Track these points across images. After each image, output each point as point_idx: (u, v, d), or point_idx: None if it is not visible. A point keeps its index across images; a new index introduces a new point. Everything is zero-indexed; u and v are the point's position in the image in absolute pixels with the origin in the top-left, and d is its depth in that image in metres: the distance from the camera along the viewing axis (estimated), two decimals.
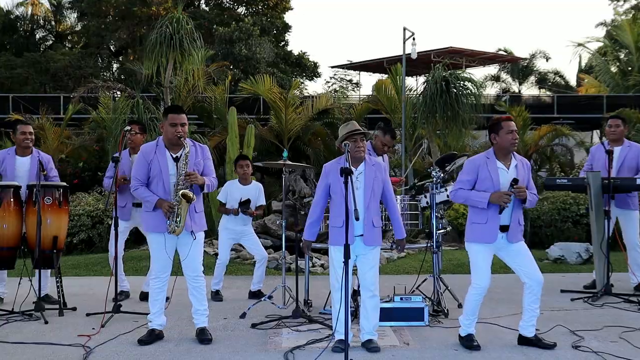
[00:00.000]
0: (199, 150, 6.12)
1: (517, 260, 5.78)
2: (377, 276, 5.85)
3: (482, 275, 5.77)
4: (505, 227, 5.72)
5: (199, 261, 6.15)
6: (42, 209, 7.14)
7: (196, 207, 6.04)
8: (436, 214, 7.41)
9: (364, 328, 5.85)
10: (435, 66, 15.66)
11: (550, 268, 10.63)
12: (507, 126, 5.75)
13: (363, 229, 5.72)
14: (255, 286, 8.40)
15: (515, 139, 5.73)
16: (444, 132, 15.85)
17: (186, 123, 6.02)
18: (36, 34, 39.40)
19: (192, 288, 6.15)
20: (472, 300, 5.85)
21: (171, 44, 14.56)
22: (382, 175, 5.88)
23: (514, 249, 5.77)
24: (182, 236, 6.01)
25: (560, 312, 7.30)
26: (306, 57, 37.60)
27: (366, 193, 5.75)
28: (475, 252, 5.80)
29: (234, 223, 8.35)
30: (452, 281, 8.24)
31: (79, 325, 6.73)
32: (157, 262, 6.06)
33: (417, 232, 13.27)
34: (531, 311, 5.83)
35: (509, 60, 40.57)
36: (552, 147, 20.19)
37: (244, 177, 8.44)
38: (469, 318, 5.90)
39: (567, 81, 42.92)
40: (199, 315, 6.19)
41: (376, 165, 5.87)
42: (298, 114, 17.74)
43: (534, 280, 5.72)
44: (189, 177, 5.85)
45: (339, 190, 5.66)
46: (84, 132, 19.08)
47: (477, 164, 5.82)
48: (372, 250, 5.78)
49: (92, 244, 12.92)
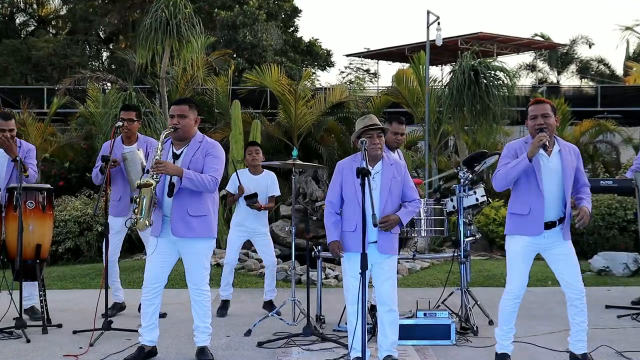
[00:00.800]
0: (204, 145, 6.11)
1: (560, 266, 5.73)
2: (394, 288, 5.81)
3: (516, 278, 5.75)
4: (551, 223, 5.67)
5: (201, 273, 6.14)
6: (23, 214, 7.12)
7: (190, 211, 5.96)
8: (464, 219, 7.40)
9: (382, 345, 5.83)
10: (463, 54, 15.67)
11: (593, 281, 10.58)
12: (531, 110, 5.73)
13: (377, 235, 5.70)
14: (267, 295, 8.42)
15: (539, 124, 5.62)
16: (473, 128, 15.85)
17: (187, 115, 6.02)
18: (16, 19, 39.57)
19: (193, 302, 6.17)
20: (504, 308, 5.82)
21: (167, 29, 14.58)
22: (402, 176, 5.86)
23: (559, 251, 5.71)
24: (183, 244, 6.02)
25: (605, 330, 7.27)
26: (318, 45, 37.67)
27: (382, 195, 5.73)
28: (514, 251, 5.77)
29: (245, 219, 8.36)
30: (482, 295, 8.23)
31: (64, 344, 6.75)
32: (149, 269, 6.09)
33: (442, 240, 13.27)
34: (576, 325, 5.75)
35: (547, 47, 40.40)
36: (596, 144, 20.15)
37: (255, 164, 8.47)
38: (502, 329, 5.85)
39: (612, 70, 42.75)
40: (199, 332, 6.18)
41: (395, 165, 5.86)
42: (309, 108, 17.76)
43: (572, 290, 5.68)
44: (156, 166, 5.81)
45: (352, 191, 5.66)
46: (70, 128, 19.18)
47: (515, 148, 5.79)
48: (387, 259, 5.76)
49: (80, 253, 12.97)
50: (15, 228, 7.09)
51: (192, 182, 5.86)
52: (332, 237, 5.78)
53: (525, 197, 5.70)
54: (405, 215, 5.79)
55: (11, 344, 6.75)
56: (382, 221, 5.60)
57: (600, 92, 30.16)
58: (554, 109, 5.75)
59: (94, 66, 35.63)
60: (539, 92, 28.81)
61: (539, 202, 5.63)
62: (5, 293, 7.34)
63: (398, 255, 6.10)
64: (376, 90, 28.91)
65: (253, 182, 8.38)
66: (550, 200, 5.64)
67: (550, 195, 5.65)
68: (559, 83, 42.41)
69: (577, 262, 5.75)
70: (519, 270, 5.75)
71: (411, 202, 5.85)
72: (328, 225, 5.83)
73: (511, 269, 5.80)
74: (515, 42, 32.33)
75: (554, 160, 5.68)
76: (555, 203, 5.67)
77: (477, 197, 7.40)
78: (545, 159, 5.66)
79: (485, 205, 7.99)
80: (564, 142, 5.84)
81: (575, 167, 5.77)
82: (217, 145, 6.22)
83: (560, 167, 5.67)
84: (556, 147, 5.73)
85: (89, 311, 7.57)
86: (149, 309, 6.12)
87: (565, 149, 5.76)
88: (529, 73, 43.73)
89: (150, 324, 6.14)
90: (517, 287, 5.75)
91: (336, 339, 6.74)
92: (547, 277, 9.91)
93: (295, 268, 7.91)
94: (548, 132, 5.60)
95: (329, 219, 5.82)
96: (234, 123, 13.83)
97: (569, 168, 5.69)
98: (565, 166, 5.67)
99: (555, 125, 5.75)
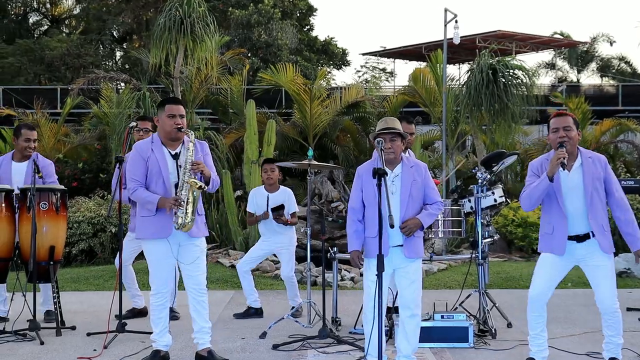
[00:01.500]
0: (198, 145, 6.20)
1: (594, 279, 5.71)
2: (418, 293, 5.77)
3: (534, 283, 5.78)
4: (580, 236, 5.64)
5: (204, 272, 6.17)
6: (37, 215, 7.17)
7: (198, 209, 6.06)
8: (482, 220, 7.39)
9: (401, 350, 5.79)
10: (481, 52, 15.62)
11: None
12: (552, 123, 5.72)
13: (403, 238, 5.66)
14: (292, 301, 8.40)
15: (561, 137, 5.60)
16: (491, 128, 15.79)
17: (184, 115, 6.12)
18: (29, 18, 39.84)
19: (196, 303, 6.13)
20: (527, 313, 5.84)
21: (181, 29, 14.65)
22: (423, 179, 5.79)
23: (595, 263, 5.67)
24: (184, 243, 6.05)
25: (627, 333, 7.19)
26: (334, 43, 37.69)
27: (402, 198, 5.68)
28: (541, 260, 5.80)
29: (270, 232, 8.37)
30: (500, 297, 8.22)
31: (78, 347, 6.79)
32: (158, 275, 6.09)
33: (460, 241, 13.24)
34: (607, 337, 5.82)
35: (566, 45, 40.23)
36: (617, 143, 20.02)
37: (269, 182, 8.45)
38: (530, 333, 5.87)
39: (634, 68, 42.44)
40: (203, 334, 6.15)
41: (415, 167, 5.81)
42: (324, 108, 17.78)
43: (603, 305, 5.69)
44: (196, 166, 5.89)
45: (372, 195, 5.57)
46: (83, 128, 19.24)
47: (537, 166, 5.80)
48: (412, 263, 5.71)
49: (94, 255, 13.03)
50: (29, 229, 7.12)
51: (213, 182, 6.05)
52: (353, 246, 5.73)
53: (549, 217, 5.72)
54: (427, 217, 5.71)
55: (25, 346, 6.81)
56: (403, 225, 5.58)
57: (621, 90, 29.99)
58: (576, 122, 5.73)
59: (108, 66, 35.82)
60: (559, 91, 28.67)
61: (561, 221, 5.64)
62: (19, 295, 7.39)
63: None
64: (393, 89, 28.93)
65: (271, 200, 8.39)
66: (575, 216, 5.62)
67: (575, 212, 5.62)
68: (579, 82, 42.17)
69: (612, 276, 5.68)
70: (537, 276, 5.78)
71: (432, 204, 5.77)
72: (350, 233, 5.78)
73: (535, 275, 5.82)
74: (534, 40, 32.22)
75: (574, 176, 5.65)
76: (581, 218, 5.63)
77: (495, 198, 7.39)
78: (564, 176, 5.64)
79: (504, 206, 7.96)
80: (589, 153, 5.79)
81: (603, 178, 5.70)
82: (207, 143, 6.41)
83: (582, 182, 5.63)
84: (577, 162, 5.69)
85: (103, 313, 7.62)
86: (162, 313, 6.13)
87: (588, 161, 5.70)
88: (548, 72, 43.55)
89: (164, 329, 6.15)
90: (532, 290, 5.77)
91: (352, 342, 6.75)
92: (567, 279, 9.86)
93: (310, 270, 7.93)
94: (569, 146, 5.60)
95: (351, 228, 5.77)
96: (249, 123, 13.85)
97: (591, 181, 5.63)
98: (586, 180, 5.62)
99: (577, 139, 5.71)
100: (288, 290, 8.40)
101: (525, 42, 31.70)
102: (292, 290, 8.36)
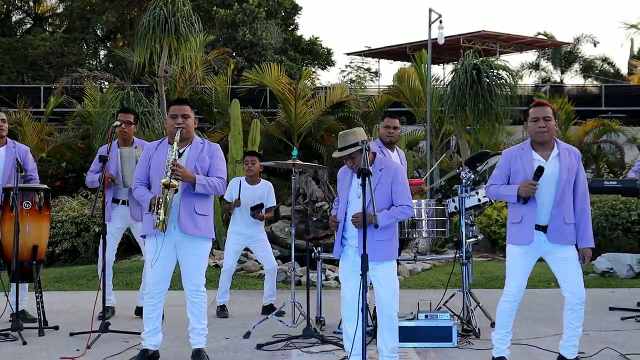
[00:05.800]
0: (207, 146, 6.23)
1: (561, 269, 5.73)
2: (392, 295, 5.64)
3: (512, 281, 5.78)
4: (544, 226, 5.67)
5: (201, 273, 6.15)
6: (20, 214, 7.14)
7: (197, 209, 6.03)
8: (466, 220, 7.41)
9: (382, 350, 5.78)
10: (465, 53, 15.67)
11: (597, 282, 10.59)
12: (532, 112, 5.74)
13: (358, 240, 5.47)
14: (267, 300, 8.48)
15: (540, 128, 5.63)
16: (475, 128, 15.85)
17: (190, 115, 6.13)
18: (12, 17, 39.55)
19: (190, 304, 6.15)
20: (501, 310, 5.84)
21: (166, 28, 14.58)
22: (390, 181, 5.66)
23: (559, 255, 5.70)
24: (182, 244, 6.03)
25: (609, 332, 7.28)
26: (318, 43, 37.64)
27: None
28: (512, 255, 5.80)
29: (243, 226, 8.42)
30: (484, 297, 8.23)
31: (61, 347, 6.75)
32: (151, 274, 6.08)
33: (444, 241, 13.28)
34: (572, 329, 5.80)
35: (550, 46, 40.44)
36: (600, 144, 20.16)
37: (250, 174, 8.49)
38: (499, 332, 5.88)
39: (617, 69, 42.71)
40: (196, 334, 6.17)
41: (385, 170, 5.70)
42: (309, 108, 17.79)
43: (574, 295, 5.69)
44: (174, 168, 5.84)
45: (344, 195, 5.73)
46: (67, 127, 19.17)
47: (510, 156, 5.83)
48: (376, 265, 5.56)
49: (77, 255, 12.99)
50: (11, 229, 7.08)
51: (205, 187, 5.99)
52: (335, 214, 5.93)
53: (519, 205, 5.70)
54: (383, 217, 5.52)
55: (7, 346, 6.76)
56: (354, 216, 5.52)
57: (604, 91, 30.20)
58: (554, 113, 5.76)
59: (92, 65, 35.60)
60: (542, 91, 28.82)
61: (530, 210, 5.65)
62: (0, 295, 7.34)
63: (399, 257, 6.08)
64: (377, 89, 28.94)
65: (250, 191, 8.42)
66: (544, 206, 5.65)
67: (545, 201, 5.65)
68: (563, 82, 42.38)
69: (578, 266, 5.73)
70: (513, 272, 5.78)
71: (398, 206, 5.63)
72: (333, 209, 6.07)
73: (507, 271, 5.84)
74: (518, 41, 32.33)
75: (550, 166, 5.65)
76: (549, 208, 5.65)
77: (479, 198, 7.40)
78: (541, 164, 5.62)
79: (488, 206, 7.99)
80: (565, 145, 5.82)
81: (576, 171, 5.74)
82: (219, 147, 6.39)
83: (558, 171, 5.65)
84: (554, 151, 5.72)
85: (86, 313, 7.60)
86: (153, 313, 6.12)
87: (564, 152, 5.72)
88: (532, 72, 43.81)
89: (154, 328, 6.13)
90: (511, 288, 5.78)
91: (336, 341, 6.74)
92: (551, 279, 9.91)
93: (295, 269, 7.94)
94: (548, 137, 5.65)
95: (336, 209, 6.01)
96: (233, 122, 13.84)
97: (566, 173, 5.66)
98: (562, 171, 5.65)
99: (555, 129, 5.76)
100: (268, 287, 8.46)
101: (509, 43, 31.80)
102: (272, 287, 8.46)
